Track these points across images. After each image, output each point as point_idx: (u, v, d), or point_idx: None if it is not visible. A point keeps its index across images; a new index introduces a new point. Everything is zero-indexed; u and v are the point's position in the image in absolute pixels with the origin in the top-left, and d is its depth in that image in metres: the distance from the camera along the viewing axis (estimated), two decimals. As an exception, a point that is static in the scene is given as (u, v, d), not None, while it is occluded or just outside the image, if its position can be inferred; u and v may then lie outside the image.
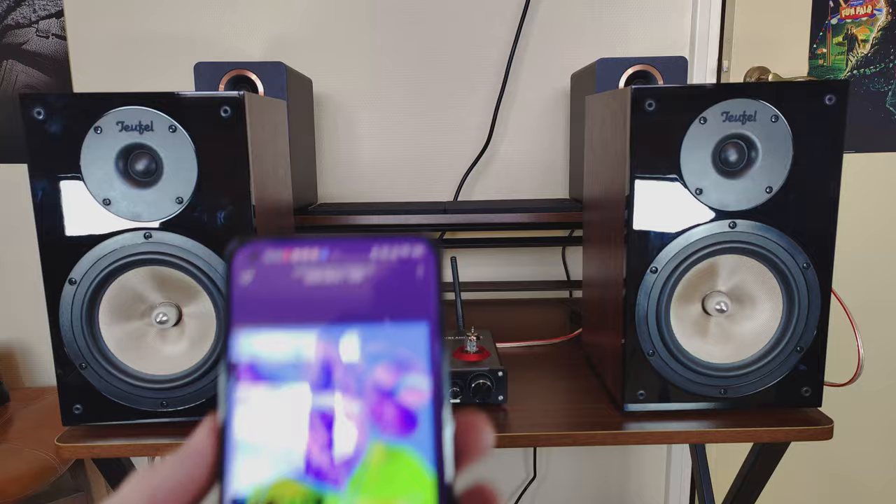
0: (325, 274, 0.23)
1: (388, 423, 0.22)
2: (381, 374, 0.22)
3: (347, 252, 0.23)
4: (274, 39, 1.30)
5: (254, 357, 0.22)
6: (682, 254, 0.68)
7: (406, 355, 0.22)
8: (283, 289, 0.23)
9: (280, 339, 0.23)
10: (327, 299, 0.23)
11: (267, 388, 0.22)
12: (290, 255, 0.23)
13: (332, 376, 0.22)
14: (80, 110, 0.64)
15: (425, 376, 0.22)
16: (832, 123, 0.67)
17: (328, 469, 0.22)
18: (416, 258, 0.23)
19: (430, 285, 0.23)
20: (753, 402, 0.71)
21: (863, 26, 1.31)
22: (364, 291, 0.23)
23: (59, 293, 0.66)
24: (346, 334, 0.23)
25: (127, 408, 0.69)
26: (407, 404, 0.22)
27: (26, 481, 0.97)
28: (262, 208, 0.71)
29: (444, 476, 0.22)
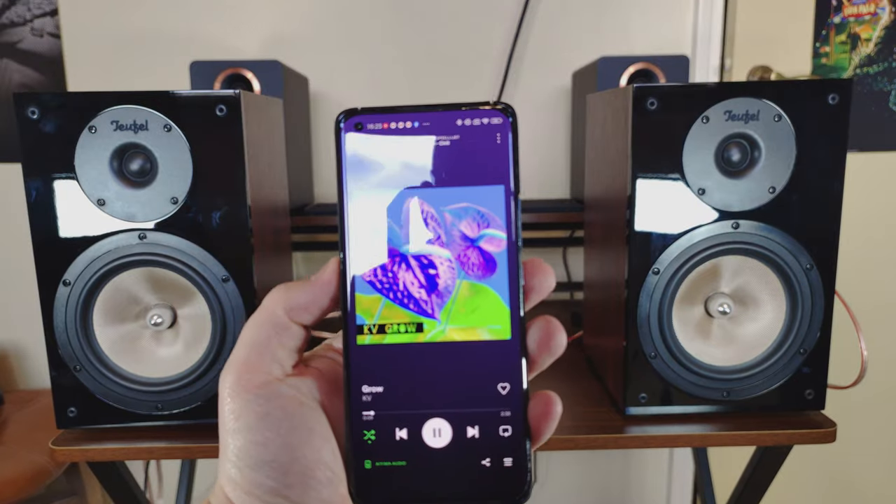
0: (419, 141, 0.27)
1: (473, 266, 0.27)
2: (466, 226, 0.27)
3: (437, 121, 0.27)
4: (270, 38, 1.29)
5: (363, 212, 0.27)
6: (684, 255, 0.67)
7: (486, 212, 0.27)
8: (385, 154, 0.27)
9: (385, 197, 0.27)
10: (421, 164, 0.27)
11: (375, 237, 0.27)
12: (389, 123, 0.28)
13: (427, 227, 0.27)
14: (75, 109, 0.64)
15: (502, 229, 0.27)
16: (835, 123, 0.66)
17: (426, 301, 0.28)
18: (494, 126, 0.27)
19: (507, 151, 0.27)
20: (756, 404, 0.70)
21: (866, 25, 1.30)
22: (451, 156, 0.27)
23: (53, 295, 0.66)
24: (438, 193, 0.27)
25: (122, 410, 0.68)
26: (488, 251, 0.27)
27: (20, 484, 0.97)
28: (258, 208, 0.70)
29: (517, 308, 0.27)
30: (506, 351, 0.27)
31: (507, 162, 0.27)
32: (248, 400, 0.27)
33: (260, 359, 0.27)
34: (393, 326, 0.27)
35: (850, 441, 1.46)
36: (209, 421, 0.69)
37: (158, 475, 1.14)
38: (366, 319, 0.28)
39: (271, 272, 0.76)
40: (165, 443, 0.68)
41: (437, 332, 0.27)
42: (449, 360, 0.27)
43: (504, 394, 0.27)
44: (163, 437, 0.68)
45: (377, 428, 0.27)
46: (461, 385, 0.27)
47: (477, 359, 0.27)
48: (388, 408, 0.27)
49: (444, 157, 0.27)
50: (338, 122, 0.28)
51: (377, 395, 0.27)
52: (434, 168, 0.27)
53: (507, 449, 0.27)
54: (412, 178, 0.27)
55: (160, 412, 0.68)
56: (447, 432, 0.27)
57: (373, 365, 0.27)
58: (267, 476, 0.26)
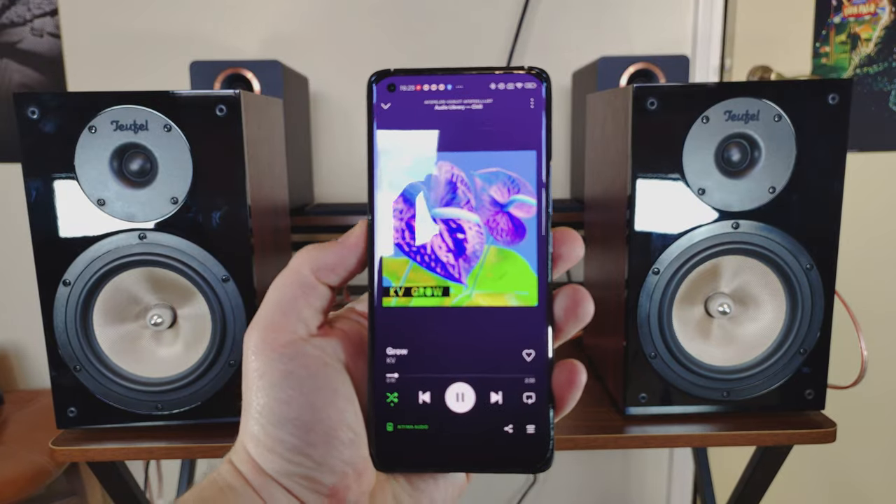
0: (451, 104, 0.27)
1: (502, 232, 0.27)
2: (496, 191, 0.27)
3: (470, 85, 0.27)
4: (270, 37, 1.29)
5: (393, 176, 0.27)
6: (684, 255, 0.67)
7: (517, 177, 0.27)
8: (416, 116, 0.27)
9: (414, 160, 0.27)
10: (453, 127, 0.27)
11: (404, 200, 0.27)
12: (421, 86, 0.27)
13: (456, 191, 0.27)
14: (75, 109, 0.64)
15: (533, 196, 0.27)
16: (836, 123, 0.66)
17: (453, 265, 0.28)
18: (528, 91, 0.27)
19: (540, 117, 0.27)
20: (756, 404, 0.70)
21: (866, 25, 1.30)
22: (484, 120, 0.27)
23: (53, 295, 0.65)
24: (469, 157, 0.27)
25: (122, 410, 0.68)
26: (517, 217, 0.27)
27: (21, 484, 0.97)
28: (258, 208, 0.70)
29: (544, 275, 0.27)
30: (532, 317, 0.27)
31: (539, 127, 0.27)
32: (272, 359, 0.27)
33: (285, 318, 0.27)
34: (419, 289, 0.28)
35: (851, 441, 1.46)
36: (209, 421, 0.69)
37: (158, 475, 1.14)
38: (392, 282, 0.28)
39: (271, 272, 0.76)
40: (165, 443, 0.68)
41: (463, 297, 0.27)
42: (474, 325, 0.27)
43: (529, 360, 0.27)
44: (163, 438, 0.68)
45: (400, 391, 0.27)
46: (486, 350, 0.27)
47: (503, 324, 0.27)
48: (412, 371, 0.27)
49: (476, 121, 0.27)
50: (370, 82, 0.27)
51: (401, 357, 0.27)
52: (466, 132, 0.27)
53: (530, 416, 0.27)
54: (443, 142, 0.27)
55: (160, 412, 0.68)
56: (470, 397, 0.27)
57: (398, 327, 0.28)
58: (290, 433, 0.26)
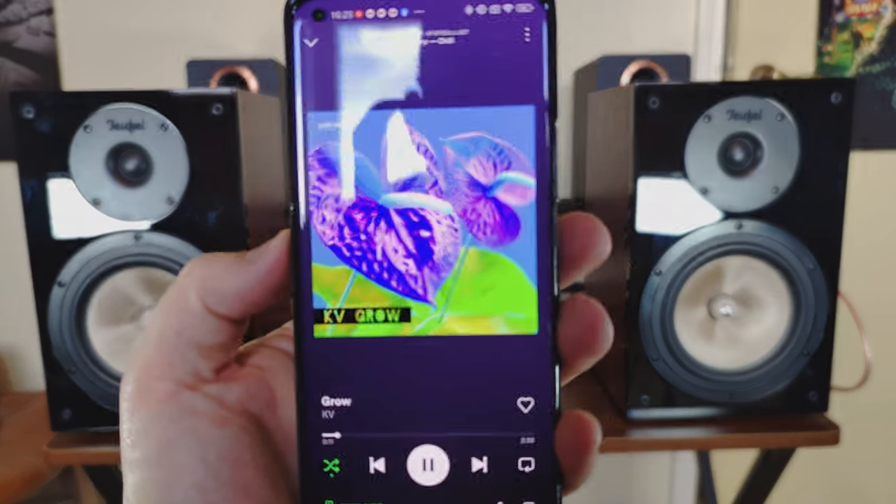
0: (409, 38, 0.18)
1: (486, 227, 0.19)
2: (477, 167, 0.19)
3: (435, 7, 0.18)
4: (267, 36, 1.28)
5: (325, 145, 0.19)
6: (686, 256, 0.66)
7: (508, 146, 0.19)
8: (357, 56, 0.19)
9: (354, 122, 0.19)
10: (411, 71, 0.19)
11: (343, 183, 0.19)
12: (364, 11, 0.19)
13: (418, 167, 0.19)
14: (70, 108, 0.63)
15: (531, 172, 0.19)
16: (839, 122, 0.65)
17: (415, 276, 0.19)
18: (522, 16, 0.19)
19: (540, 53, 0.19)
20: (759, 407, 0.69)
21: (869, 24, 1.29)
22: (456, 62, 0.19)
23: (48, 296, 0.65)
24: (435, 116, 0.19)
25: (117, 413, 0.67)
26: (508, 204, 0.19)
27: (15, 487, 0.96)
28: (255, 208, 0.69)
29: (548, 288, 0.19)
30: (530, 350, 0.19)
31: (540, 69, 0.19)
32: (147, 419, 0.19)
33: (167, 359, 0.19)
34: (367, 313, 0.19)
35: (855, 444, 1.45)
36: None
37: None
38: (327, 301, 0.19)
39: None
40: (161, 446, 0.67)
41: (430, 322, 0.19)
42: (448, 363, 0.19)
43: (526, 412, 0.19)
44: (159, 440, 0.68)
45: (343, 456, 0.19)
46: (464, 398, 0.19)
47: (488, 361, 0.19)
48: (359, 429, 0.20)
49: (445, 63, 0.19)
50: (288, 8, 0.19)
51: (343, 409, 0.19)
52: (430, 79, 0.19)
53: (530, 491, 0.19)
54: (397, 94, 0.19)
55: (156, 415, 0.67)
56: (443, 465, 0.20)
57: (337, 367, 0.19)
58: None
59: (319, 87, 0.19)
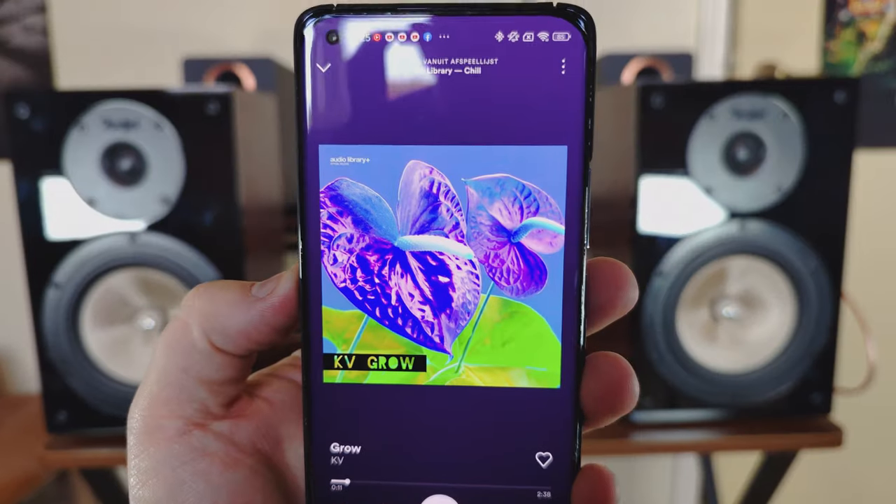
0: (430, 67, 0.17)
1: (510, 274, 0.18)
2: (502, 210, 0.18)
3: (461, 34, 0.17)
4: (263, 33, 1.28)
5: (338, 181, 0.18)
6: (689, 256, 0.65)
7: (536, 189, 0.18)
8: (374, 86, 0.17)
9: (369, 158, 0.18)
10: (432, 104, 0.17)
11: (355, 221, 0.18)
12: (383, 35, 0.17)
13: (438, 209, 0.18)
14: (64, 107, 0.62)
15: (560, 219, 0.18)
16: (843, 121, 0.65)
17: (432, 324, 0.18)
18: (557, 46, 0.17)
19: (577, 88, 0.17)
20: (762, 409, 0.69)
21: (873, 22, 1.28)
22: (483, 94, 0.17)
23: (43, 297, 0.64)
24: (458, 154, 0.17)
25: (113, 415, 0.66)
26: (534, 251, 0.18)
27: (10, 490, 0.95)
28: (251, 208, 0.69)
29: (572, 341, 0.18)
30: (552, 405, 0.19)
31: (575, 106, 0.17)
32: (156, 459, 0.19)
33: (174, 395, 0.19)
34: (379, 360, 0.19)
35: (859, 447, 1.44)
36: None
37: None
38: (337, 347, 0.19)
39: (264, 274, 0.74)
40: (157, 448, 0.66)
41: (447, 372, 0.19)
42: (464, 414, 0.19)
43: (544, 466, 0.19)
44: (155, 443, 0.67)
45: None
46: (480, 451, 0.19)
47: (506, 414, 0.19)
48: (369, 476, 0.19)
49: (471, 95, 0.17)
50: (300, 25, 0.17)
51: (353, 456, 0.19)
52: (454, 112, 0.17)
53: None
54: (416, 128, 0.18)
55: (152, 417, 0.66)
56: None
57: (347, 414, 0.19)
58: None
59: (332, 116, 0.18)
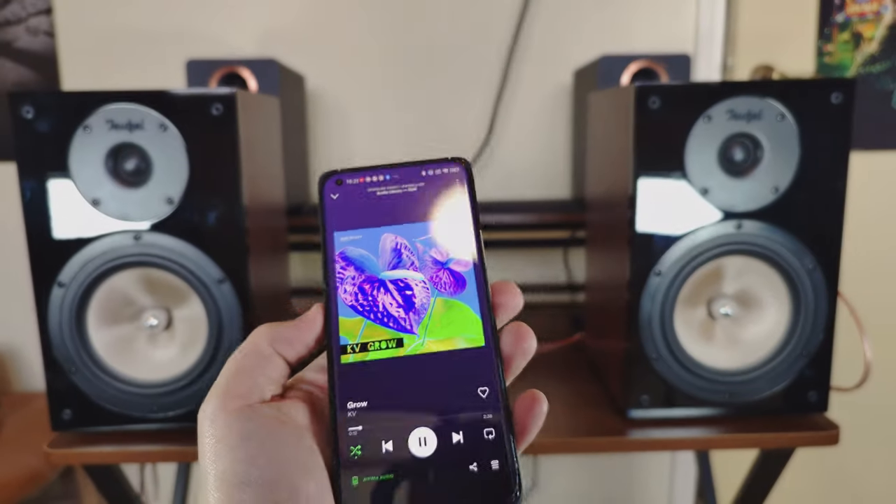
0: (391, 189, 0.32)
1: (445, 285, 0.30)
2: (436, 252, 0.31)
3: (405, 174, 0.32)
4: (266, 36, 1.28)
5: (345, 248, 0.31)
6: (686, 256, 0.66)
7: (453, 239, 0.31)
8: (362, 201, 0.32)
9: (361, 236, 0.31)
10: (394, 206, 0.32)
11: (356, 268, 0.31)
12: (364, 178, 0.32)
13: (401, 257, 0.31)
14: (70, 108, 0.63)
15: (469, 252, 0.31)
16: (839, 122, 0.65)
17: (404, 318, 0.30)
18: (454, 174, 0.32)
19: (465, 192, 0.32)
20: (759, 407, 0.69)
21: (869, 24, 1.29)
22: (420, 199, 0.32)
23: (48, 296, 0.65)
24: (410, 228, 0.31)
25: (117, 413, 0.67)
26: (457, 271, 0.31)
27: (15, 487, 0.96)
28: (254, 209, 0.69)
29: (487, 317, 0.30)
30: (482, 356, 0.29)
31: (466, 200, 0.32)
32: (228, 422, 0.27)
33: (242, 385, 0.28)
34: (375, 344, 0.29)
35: (855, 444, 1.45)
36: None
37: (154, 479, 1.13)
38: (349, 339, 0.30)
39: (267, 273, 0.75)
40: (161, 446, 0.67)
41: (416, 346, 0.29)
42: (429, 371, 0.29)
43: (484, 397, 0.29)
44: (158, 440, 0.68)
45: (363, 442, 0.28)
46: (443, 393, 0.29)
47: (456, 366, 0.29)
48: (374, 421, 0.28)
49: (413, 200, 0.32)
50: (321, 180, 0.32)
51: (362, 409, 0.28)
52: (405, 209, 0.32)
53: (493, 451, 0.28)
54: (386, 218, 0.31)
55: (156, 415, 0.67)
56: (432, 440, 0.28)
57: (357, 381, 0.29)
58: (256, 493, 0.26)
59: (340, 217, 0.32)
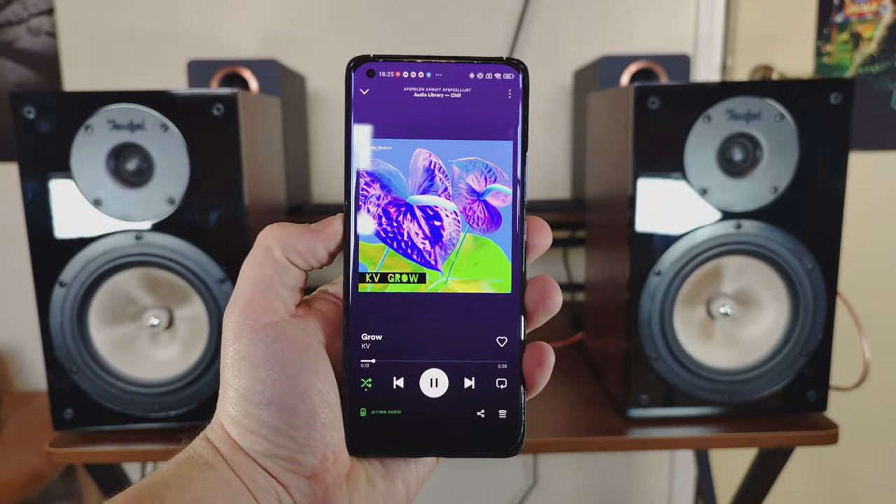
0: (430, 92, 0.28)
1: (478, 220, 0.28)
2: (473, 180, 0.28)
3: (449, 73, 0.28)
4: (267, 36, 1.28)
5: (371, 160, 0.28)
6: (686, 255, 0.66)
7: (494, 167, 0.28)
8: (395, 103, 0.28)
9: (391, 147, 0.28)
10: (431, 115, 0.28)
11: (382, 186, 0.28)
12: (401, 72, 0.28)
13: (434, 179, 0.28)
14: (71, 109, 0.63)
15: (509, 185, 0.28)
16: (838, 122, 0.65)
17: (429, 252, 0.28)
18: (506, 82, 0.28)
19: (517, 107, 0.28)
20: (758, 406, 0.70)
21: (868, 24, 1.29)
22: (462, 110, 0.28)
23: (50, 296, 0.65)
24: (447, 145, 0.28)
25: (118, 412, 0.67)
26: (494, 205, 0.28)
27: (17, 487, 0.96)
28: (256, 208, 0.70)
29: (518, 263, 0.28)
30: (506, 304, 0.28)
31: (517, 118, 0.28)
32: (254, 340, 0.27)
33: (264, 297, 0.27)
34: (395, 276, 0.28)
35: (853, 444, 1.45)
36: (207, 423, 0.68)
37: (156, 477, 1.13)
38: (368, 267, 0.28)
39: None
40: (162, 445, 0.67)
41: (439, 283, 0.28)
42: (449, 312, 0.28)
43: (502, 346, 0.28)
44: (160, 440, 0.68)
45: (374, 376, 0.28)
46: (460, 336, 0.28)
47: (477, 311, 0.28)
48: (387, 356, 0.28)
49: (454, 110, 0.28)
50: (349, 68, 0.28)
51: (376, 343, 0.28)
52: (444, 120, 0.28)
53: (503, 401, 0.28)
54: (421, 129, 0.28)
55: (157, 414, 0.67)
56: (444, 383, 0.28)
57: (373, 313, 0.28)
58: (273, 415, 0.26)
59: (368, 121, 0.28)
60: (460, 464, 1.44)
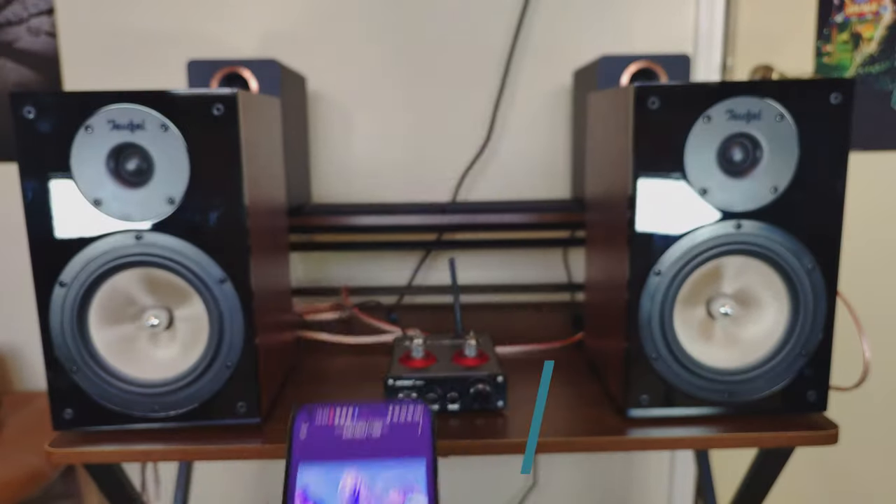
0: (356, 427, 0.35)
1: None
2: (394, 495, 0.33)
3: (370, 412, 0.35)
4: (267, 36, 1.29)
5: (306, 485, 0.33)
6: (686, 255, 0.67)
7: (411, 481, 0.33)
8: (327, 438, 0.34)
9: (323, 473, 0.33)
10: (357, 444, 0.34)
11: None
12: (332, 414, 0.35)
13: (359, 496, 0.33)
14: (71, 109, 0.63)
15: (424, 495, 0.33)
16: (838, 122, 0.65)
17: None
18: (417, 415, 0.35)
19: (427, 435, 0.35)
20: (758, 406, 0.70)
21: (868, 24, 1.29)
22: (382, 438, 0.34)
23: (50, 296, 0.65)
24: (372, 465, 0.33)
25: (119, 412, 0.67)
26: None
27: (17, 487, 0.96)
28: (255, 209, 0.70)
29: None
30: None
31: (427, 443, 0.35)
32: None
33: None
34: None
35: (853, 444, 1.45)
36: (207, 423, 0.68)
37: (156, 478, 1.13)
38: None
39: (268, 273, 0.75)
40: (163, 445, 0.67)
41: None
42: None
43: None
44: (160, 440, 0.68)
45: None
46: None
47: None
48: None
49: (376, 439, 0.34)
50: (293, 414, 0.36)
51: None
52: (368, 448, 0.34)
53: None
54: (349, 456, 0.34)
55: (157, 414, 0.67)
56: None
57: None
58: None
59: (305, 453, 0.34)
60: (460, 464, 1.44)
